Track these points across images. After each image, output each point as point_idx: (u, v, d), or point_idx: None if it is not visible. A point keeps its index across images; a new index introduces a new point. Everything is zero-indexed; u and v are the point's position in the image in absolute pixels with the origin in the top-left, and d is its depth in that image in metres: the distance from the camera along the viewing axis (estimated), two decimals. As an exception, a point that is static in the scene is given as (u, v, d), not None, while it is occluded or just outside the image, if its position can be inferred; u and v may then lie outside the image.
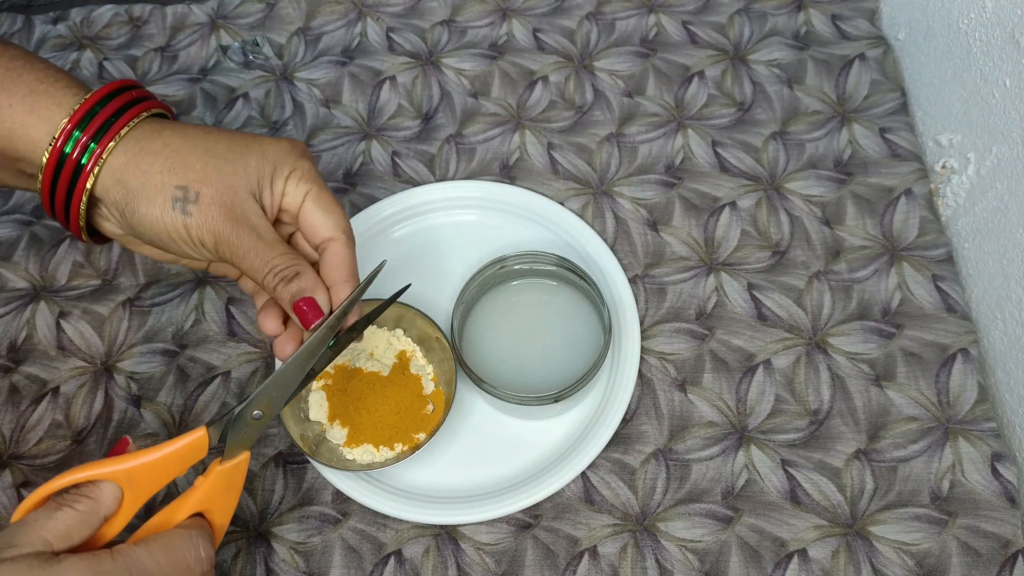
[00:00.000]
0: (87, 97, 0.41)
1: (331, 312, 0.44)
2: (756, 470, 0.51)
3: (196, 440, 0.41)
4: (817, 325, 0.55)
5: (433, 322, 0.51)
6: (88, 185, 0.41)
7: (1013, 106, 0.52)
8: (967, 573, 0.48)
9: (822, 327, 0.55)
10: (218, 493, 0.42)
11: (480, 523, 0.50)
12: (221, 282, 0.58)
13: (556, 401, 0.48)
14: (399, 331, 0.53)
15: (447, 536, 0.50)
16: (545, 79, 0.66)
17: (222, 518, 0.43)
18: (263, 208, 0.43)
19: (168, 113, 0.46)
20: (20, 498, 0.51)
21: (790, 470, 0.51)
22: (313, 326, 0.43)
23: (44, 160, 0.40)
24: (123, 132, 0.41)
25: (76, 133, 0.40)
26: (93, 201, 0.43)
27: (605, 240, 0.58)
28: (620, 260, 0.57)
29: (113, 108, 0.41)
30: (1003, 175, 0.53)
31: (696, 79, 0.65)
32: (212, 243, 0.41)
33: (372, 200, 0.60)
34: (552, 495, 0.50)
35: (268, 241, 0.42)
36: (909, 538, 0.49)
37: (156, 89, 0.66)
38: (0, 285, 0.58)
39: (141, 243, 0.46)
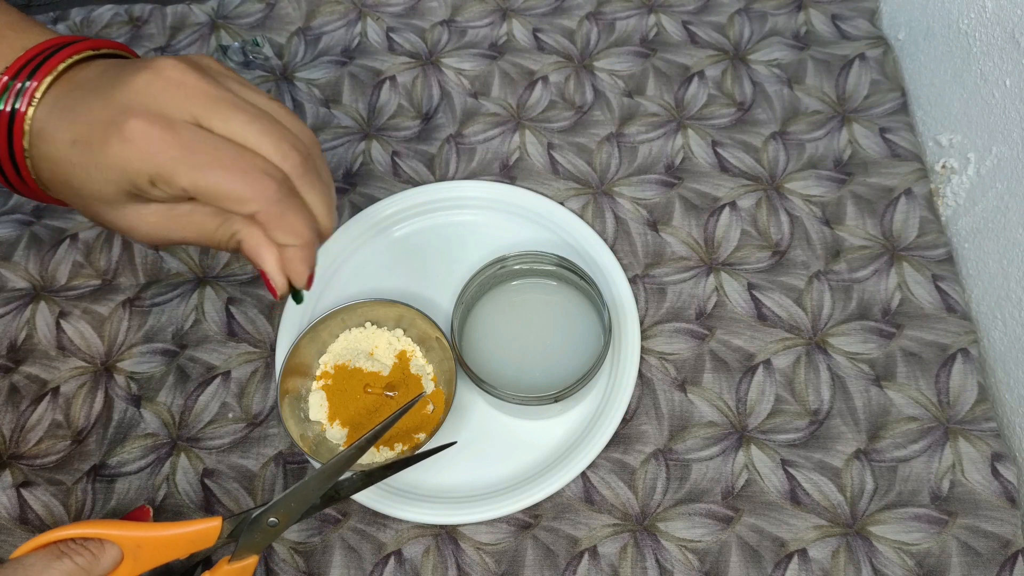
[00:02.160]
0: (22, 54, 0.37)
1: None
2: (756, 470, 0.51)
3: (209, 528, 0.41)
4: (817, 325, 0.55)
5: (433, 322, 0.51)
6: (25, 143, 0.36)
7: (1013, 106, 0.52)
8: (967, 573, 0.48)
9: (822, 327, 0.55)
10: None
11: (480, 523, 0.50)
12: (221, 282, 0.58)
13: (556, 401, 0.48)
14: (399, 331, 0.53)
15: (447, 536, 0.50)
16: (545, 79, 0.66)
17: None
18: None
19: (120, 51, 0.40)
20: (20, 498, 0.51)
21: (790, 470, 0.51)
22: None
23: None
24: (47, 80, 0.36)
25: (11, 83, 0.36)
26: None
27: (605, 240, 0.58)
28: (620, 260, 0.57)
29: (43, 57, 0.37)
30: (1003, 175, 0.53)
31: (696, 79, 0.65)
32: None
33: (372, 200, 0.60)
34: (552, 495, 0.50)
35: (184, 216, 0.37)
36: (909, 538, 0.49)
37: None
38: (0, 285, 0.58)
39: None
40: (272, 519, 0.43)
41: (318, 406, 0.51)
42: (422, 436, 0.50)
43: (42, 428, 0.54)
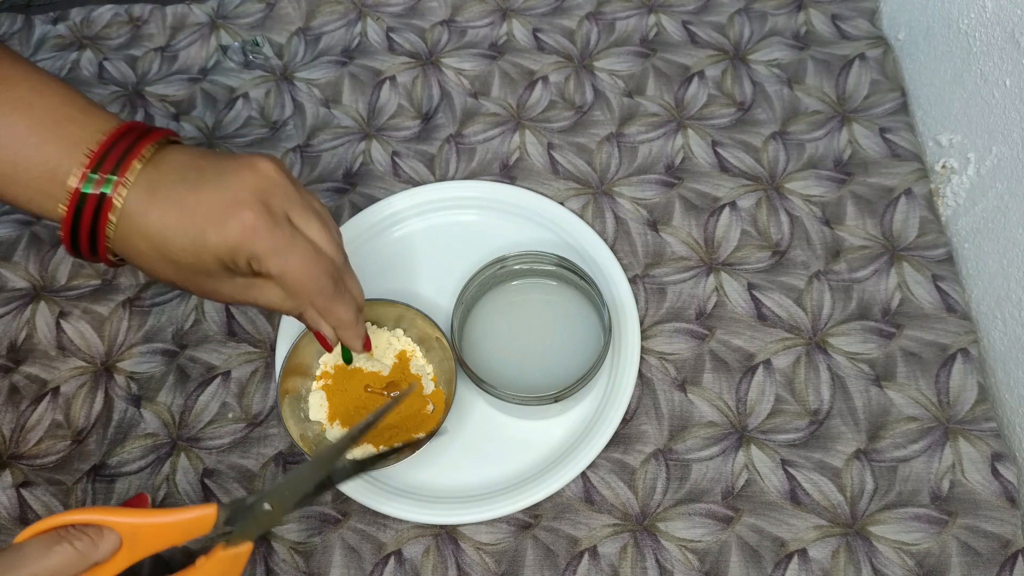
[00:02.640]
0: (104, 139, 0.41)
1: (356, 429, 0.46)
2: (756, 470, 0.51)
3: (206, 515, 0.41)
4: (817, 325, 0.55)
5: (433, 322, 0.51)
6: (113, 218, 0.41)
7: (1013, 106, 0.52)
8: (967, 573, 0.48)
9: (822, 327, 0.55)
10: None
11: (480, 523, 0.50)
12: (221, 282, 0.58)
13: (556, 401, 0.48)
14: (399, 331, 0.53)
15: (447, 536, 0.50)
16: (545, 79, 0.66)
17: None
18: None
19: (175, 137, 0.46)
20: (20, 498, 0.51)
21: (790, 470, 0.51)
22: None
23: (63, 205, 0.41)
24: (137, 166, 0.41)
25: (93, 175, 0.40)
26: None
27: (605, 240, 0.58)
28: (620, 260, 0.57)
29: (126, 144, 0.41)
30: (1003, 175, 0.53)
31: (696, 79, 0.65)
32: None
33: (372, 200, 0.60)
34: (552, 495, 0.50)
35: (260, 287, 0.44)
36: (909, 538, 0.49)
37: (156, 89, 0.66)
38: (0, 285, 0.58)
39: None
40: (266, 506, 0.44)
41: (318, 406, 0.51)
42: (422, 436, 0.50)
43: (42, 428, 0.54)
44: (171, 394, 0.55)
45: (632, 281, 0.57)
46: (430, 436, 0.49)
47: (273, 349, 0.55)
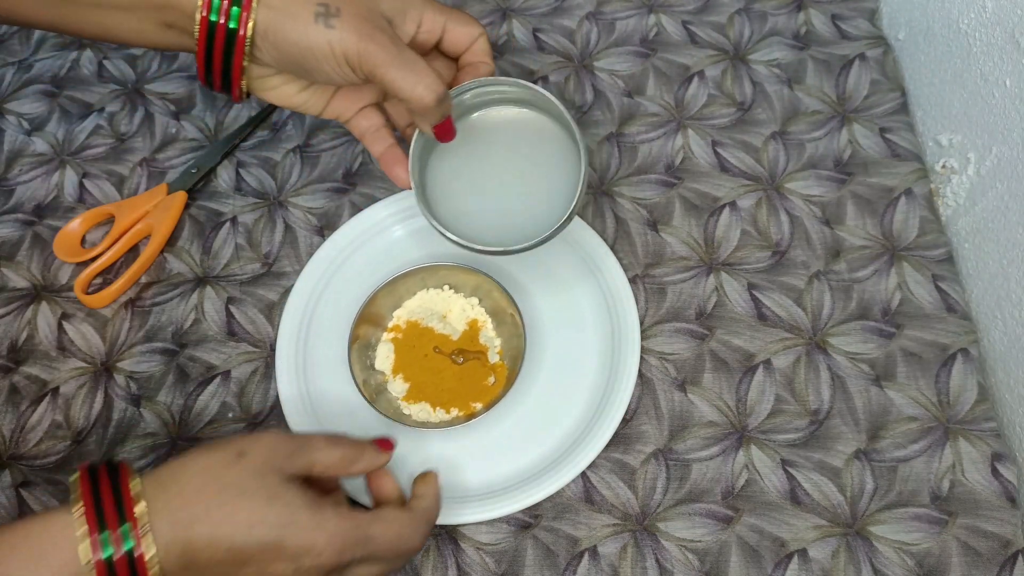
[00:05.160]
0: None
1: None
2: (756, 470, 0.51)
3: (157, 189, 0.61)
4: (817, 325, 0.55)
5: (510, 297, 0.52)
6: (246, 47, 0.43)
7: (1013, 106, 0.52)
8: (967, 573, 0.48)
9: (822, 327, 0.55)
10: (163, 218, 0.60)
11: (480, 523, 0.50)
12: (221, 282, 0.58)
13: (538, 245, 0.47)
14: (475, 300, 0.54)
15: (447, 536, 0.50)
16: (545, 79, 0.66)
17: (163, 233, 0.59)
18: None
19: None
20: (20, 498, 0.51)
21: (790, 470, 0.51)
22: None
23: (196, 28, 0.42)
24: None
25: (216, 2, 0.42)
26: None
27: (605, 240, 0.58)
28: (620, 260, 0.57)
29: None
30: (1003, 175, 0.53)
31: (696, 79, 0.65)
32: (356, 55, 0.43)
33: (372, 200, 0.60)
34: (552, 495, 0.50)
35: (411, 56, 0.44)
36: (909, 538, 0.49)
37: (156, 87, 0.66)
38: (1, 285, 0.59)
39: (285, 82, 0.48)
40: (193, 170, 0.61)
41: (385, 357, 0.53)
42: (479, 406, 0.51)
43: (42, 428, 0.54)
44: (171, 394, 0.55)
45: (632, 281, 0.57)
46: (488, 407, 0.50)
47: (273, 349, 0.55)
